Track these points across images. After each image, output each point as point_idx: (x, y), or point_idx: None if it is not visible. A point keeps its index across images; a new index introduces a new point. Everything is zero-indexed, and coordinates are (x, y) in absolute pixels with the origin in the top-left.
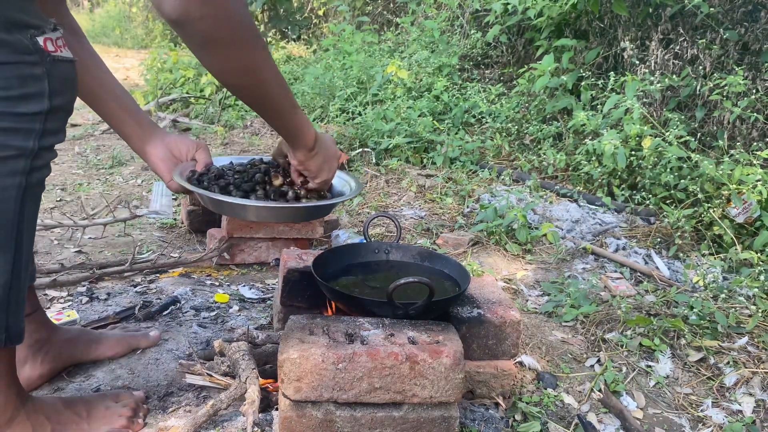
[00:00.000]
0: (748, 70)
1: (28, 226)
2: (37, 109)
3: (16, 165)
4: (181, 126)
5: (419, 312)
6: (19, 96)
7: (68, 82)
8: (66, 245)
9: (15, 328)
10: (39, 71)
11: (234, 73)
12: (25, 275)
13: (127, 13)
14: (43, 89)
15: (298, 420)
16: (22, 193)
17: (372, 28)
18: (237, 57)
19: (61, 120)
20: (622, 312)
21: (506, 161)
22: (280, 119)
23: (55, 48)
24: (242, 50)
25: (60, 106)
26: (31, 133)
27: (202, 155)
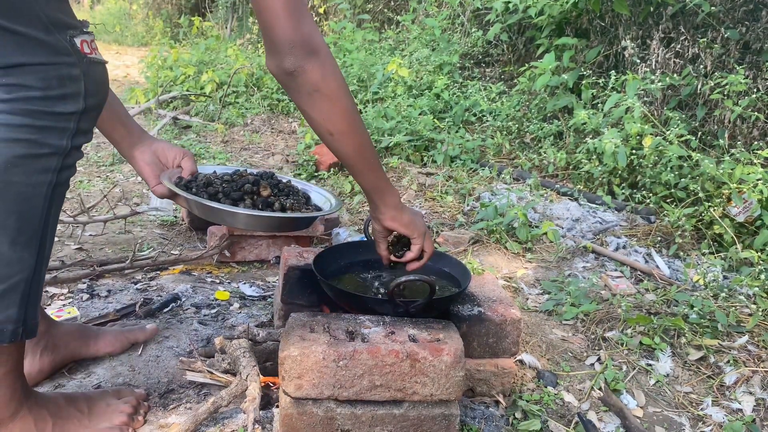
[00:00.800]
0: (749, 69)
1: (52, 224)
2: (73, 109)
3: (49, 163)
4: (182, 123)
5: (420, 310)
6: (58, 96)
7: (101, 84)
8: (66, 242)
9: (31, 321)
10: (76, 72)
11: (335, 120)
12: (44, 271)
13: (127, 11)
14: (79, 90)
15: (299, 417)
16: (52, 190)
17: (373, 26)
18: (338, 105)
19: (92, 120)
20: (622, 310)
21: (507, 160)
22: (372, 171)
23: (91, 50)
24: (341, 99)
25: (93, 106)
26: (66, 132)
27: (188, 163)
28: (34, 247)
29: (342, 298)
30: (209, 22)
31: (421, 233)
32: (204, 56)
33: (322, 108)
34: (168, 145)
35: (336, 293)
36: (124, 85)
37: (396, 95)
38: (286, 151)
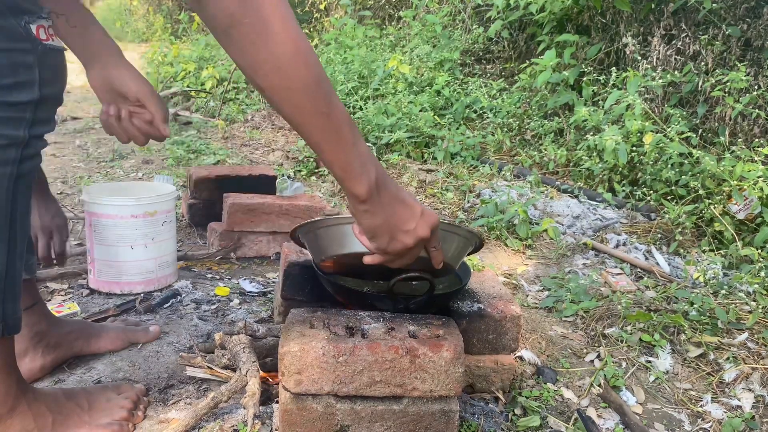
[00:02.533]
0: (750, 66)
1: (21, 216)
2: (28, 98)
3: (6, 154)
4: (182, 119)
5: (420, 306)
6: (11, 84)
7: (58, 72)
8: None
9: (12, 317)
10: (30, 59)
11: (265, 68)
12: (20, 265)
13: (127, 7)
14: (33, 78)
15: (299, 413)
16: (14, 182)
17: (373, 23)
18: (267, 45)
19: (50, 110)
20: (622, 307)
21: (507, 156)
22: (321, 149)
23: (47, 36)
24: (272, 36)
25: (50, 95)
26: (22, 123)
27: (154, 106)
28: (3, 242)
29: (342, 293)
30: None
31: (380, 247)
32: (204, 52)
33: (246, 50)
34: (128, 77)
35: (336, 289)
36: None
37: (397, 92)
38: (287, 147)
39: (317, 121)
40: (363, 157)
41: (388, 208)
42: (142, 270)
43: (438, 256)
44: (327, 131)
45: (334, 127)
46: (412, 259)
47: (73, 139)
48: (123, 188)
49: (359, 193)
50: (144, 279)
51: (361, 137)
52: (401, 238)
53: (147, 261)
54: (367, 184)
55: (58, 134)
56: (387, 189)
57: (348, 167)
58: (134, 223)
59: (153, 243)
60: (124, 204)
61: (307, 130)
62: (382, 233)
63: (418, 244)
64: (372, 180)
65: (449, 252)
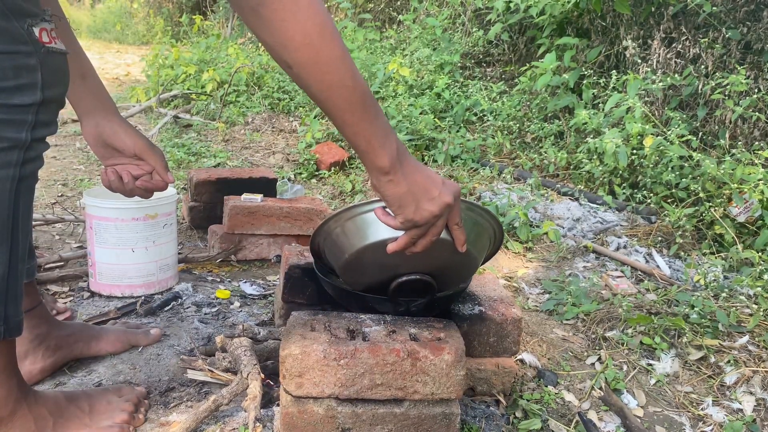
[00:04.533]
0: (750, 69)
1: (23, 218)
2: (30, 101)
3: (9, 157)
4: (183, 122)
5: (421, 309)
6: (14, 87)
7: (60, 75)
8: (67, 240)
9: (14, 320)
10: (33, 62)
11: (291, 45)
12: (22, 267)
13: (128, 9)
14: (36, 80)
15: (300, 416)
16: (16, 185)
17: (374, 26)
18: (294, 23)
19: (53, 112)
20: (622, 310)
21: (507, 159)
22: (345, 123)
23: (50, 39)
24: (298, 13)
25: (52, 98)
26: (24, 125)
27: (155, 159)
28: (5, 244)
29: (343, 296)
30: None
31: (408, 218)
32: (205, 55)
33: (275, 28)
34: (123, 132)
35: (337, 292)
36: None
37: (397, 94)
38: (287, 150)
39: (343, 93)
40: (385, 129)
41: (410, 177)
42: (142, 273)
43: (461, 235)
44: (352, 104)
45: (358, 100)
46: (437, 235)
47: (74, 142)
48: None
49: (383, 164)
50: (145, 282)
51: (381, 110)
52: (426, 205)
53: (148, 264)
54: (389, 155)
55: (58, 136)
56: (408, 159)
57: (372, 139)
58: (135, 226)
59: (154, 246)
60: (124, 207)
61: (333, 104)
62: (407, 202)
63: (443, 212)
64: (394, 151)
65: (471, 237)
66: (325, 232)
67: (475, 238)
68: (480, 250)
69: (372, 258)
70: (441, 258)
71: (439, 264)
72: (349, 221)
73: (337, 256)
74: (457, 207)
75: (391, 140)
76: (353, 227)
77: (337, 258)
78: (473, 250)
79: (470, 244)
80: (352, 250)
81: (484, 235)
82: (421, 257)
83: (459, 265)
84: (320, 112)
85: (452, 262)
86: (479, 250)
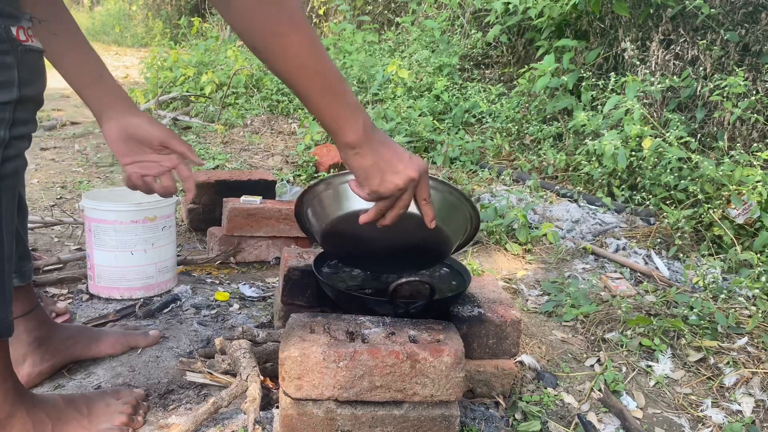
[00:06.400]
0: (749, 71)
1: (6, 218)
2: (7, 99)
3: None
4: (182, 124)
5: (420, 311)
6: None
7: (38, 72)
8: (66, 243)
9: (4, 321)
10: (9, 60)
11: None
12: (9, 268)
13: (127, 12)
14: (12, 78)
15: (299, 418)
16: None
17: (372, 28)
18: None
19: (30, 110)
20: (622, 312)
21: (506, 161)
22: (314, 103)
23: (27, 38)
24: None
25: (29, 96)
26: (2, 123)
27: (178, 144)
28: None
29: (342, 298)
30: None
31: (373, 190)
32: (204, 57)
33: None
34: (147, 123)
35: (336, 294)
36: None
37: (396, 96)
38: (286, 152)
39: (310, 77)
40: (352, 107)
41: (376, 151)
42: (141, 275)
43: (429, 211)
44: (318, 87)
45: (325, 83)
46: (404, 208)
47: (73, 144)
48: (123, 193)
49: (349, 140)
50: (144, 284)
51: (349, 89)
52: (391, 178)
53: (147, 266)
54: (355, 131)
55: (57, 139)
56: (376, 135)
57: (338, 118)
58: (134, 229)
59: (153, 248)
60: (123, 209)
61: (300, 86)
62: (373, 174)
63: (408, 185)
64: (360, 127)
65: (443, 215)
66: (306, 201)
67: (446, 216)
68: (455, 231)
69: (348, 228)
70: (413, 233)
71: (411, 239)
72: (325, 192)
73: (316, 224)
74: (424, 183)
75: (358, 117)
76: (330, 198)
77: (317, 226)
78: (446, 228)
79: (442, 222)
80: (329, 219)
81: (458, 215)
82: (394, 231)
83: (432, 243)
84: None
85: (424, 239)
86: (453, 231)
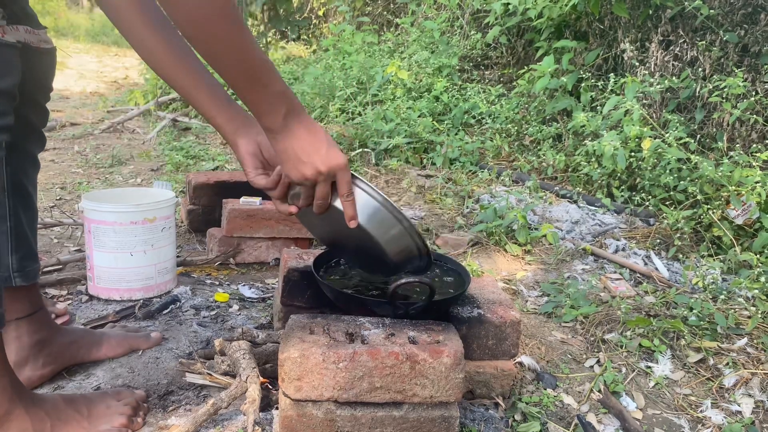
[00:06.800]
0: (748, 72)
1: None
2: None
3: None
4: (181, 125)
5: (420, 312)
6: None
7: (9, 67)
8: (66, 244)
9: None
10: None
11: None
12: None
13: None
14: None
15: (299, 419)
16: None
17: (372, 29)
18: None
19: (3, 103)
20: (621, 313)
21: (506, 162)
22: (234, 88)
23: (1, 32)
24: None
25: (1, 89)
26: None
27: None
28: None
29: (341, 299)
30: None
31: (286, 172)
32: None
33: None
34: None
35: (336, 295)
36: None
37: (395, 97)
38: None
39: (233, 65)
40: (276, 95)
41: (294, 138)
42: (141, 276)
43: (348, 209)
44: (240, 74)
45: (247, 71)
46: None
47: (72, 145)
48: (122, 194)
49: (268, 124)
50: (143, 285)
51: (276, 78)
52: (299, 166)
53: (146, 267)
54: (274, 118)
55: (57, 140)
56: (300, 123)
57: (259, 104)
58: (133, 230)
59: (152, 249)
60: (123, 210)
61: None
62: (285, 159)
63: (316, 177)
64: (281, 115)
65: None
66: None
67: (374, 223)
68: (389, 242)
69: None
70: (337, 228)
71: (338, 233)
72: None
73: None
74: (342, 179)
75: (280, 105)
76: None
77: None
78: (374, 233)
79: (369, 225)
80: None
81: (392, 229)
82: (326, 222)
83: (358, 243)
84: (318, 116)
85: (349, 237)
86: (386, 240)
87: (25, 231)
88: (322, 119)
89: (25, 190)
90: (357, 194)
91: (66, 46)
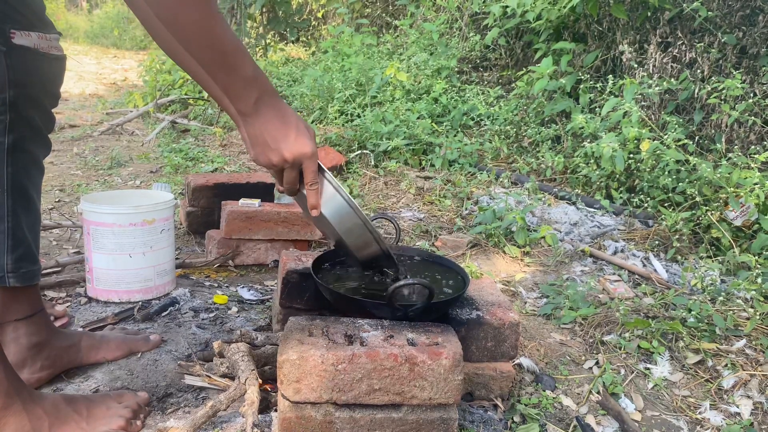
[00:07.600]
0: (746, 73)
1: None
2: None
3: None
4: (180, 127)
5: (418, 314)
6: None
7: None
8: (65, 246)
9: None
10: None
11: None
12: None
13: (125, 14)
14: None
15: (297, 421)
16: None
17: (371, 30)
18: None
19: None
20: (620, 314)
21: (505, 163)
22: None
23: None
24: None
25: None
26: None
27: None
28: None
29: (340, 301)
30: None
31: (254, 156)
32: None
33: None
34: None
35: (334, 297)
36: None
37: (394, 99)
38: None
39: (202, 50)
40: (246, 80)
41: (264, 124)
42: (140, 278)
43: (310, 197)
44: (210, 60)
45: (216, 57)
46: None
47: (71, 147)
48: (121, 196)
49: (238, 108)
50: (142, 287)
51: (247, 62)
52: (266, 152)
53: (145, 269)
54: (245, 103)
55: (56, 142)
56: (271, 109)
57: (228, 89)
58: (132, 231)
59: (151, 251)
60: (122, 212)
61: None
62: (254, 144)
63: (281, 164)
64: (251, 100)
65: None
66: None
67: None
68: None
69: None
70: (314, 219)
71: (318, 224)
72: None
73: None
74: (308, 168)
75: (252, 90)
76: None
77: None
78: (336, 224)
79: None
80: None
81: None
82: (306, 211)
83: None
84: (317, 117)
85: (317, 223)
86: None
87: (23, 232)
88: (321, 121)
89: (27, 192)
90: (324, 186)
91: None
